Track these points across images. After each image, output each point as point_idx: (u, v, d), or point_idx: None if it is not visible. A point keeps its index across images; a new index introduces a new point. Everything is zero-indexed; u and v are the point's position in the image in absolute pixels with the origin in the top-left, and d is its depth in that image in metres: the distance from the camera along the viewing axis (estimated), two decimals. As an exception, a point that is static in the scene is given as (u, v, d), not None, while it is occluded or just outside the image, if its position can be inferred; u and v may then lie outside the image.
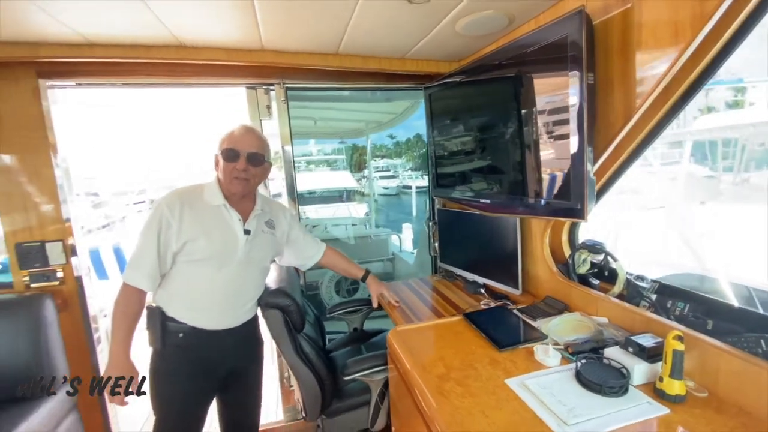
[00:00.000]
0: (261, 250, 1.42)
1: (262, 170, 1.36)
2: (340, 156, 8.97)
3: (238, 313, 1.38)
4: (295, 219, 1.66)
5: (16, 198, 1.68)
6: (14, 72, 1.57)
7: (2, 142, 1.63)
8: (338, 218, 5.81)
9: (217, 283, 1.31)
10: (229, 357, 1.38)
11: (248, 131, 1.34)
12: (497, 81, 1.46)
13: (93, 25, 1.35)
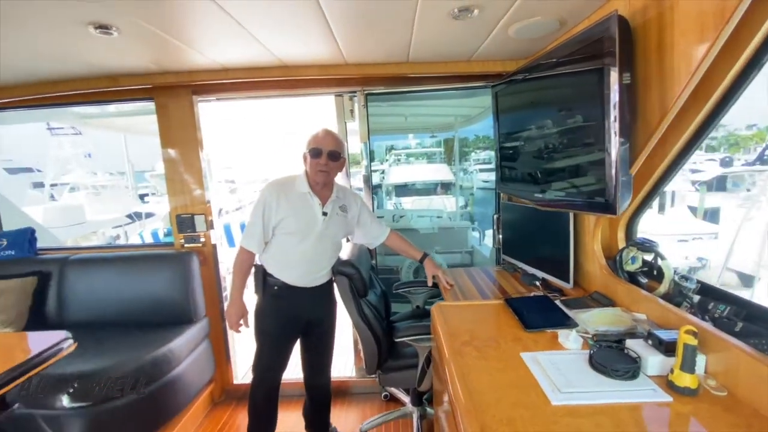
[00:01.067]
0: (334, 229, 1.80)
1: (339, 164, 1.74)
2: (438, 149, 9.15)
3: (314, 276, 1.77)
4: (365, 205, 1.98)
5: (177, 183, 2.36)
6: (178, 92, 2.21)
7: (171, 141, 2.30)
8: (423, 210, 6.06)
9: (300, 251, 1.72)
10: (307, 308, 1.80)
11: (328, 133, 1.72)
12: (547, 80, 1.53)
13: (227, 57, 1.86)
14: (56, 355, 1.49)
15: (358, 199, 1.95)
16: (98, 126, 8.55)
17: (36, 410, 1.72)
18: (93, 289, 2.30)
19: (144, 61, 1.88)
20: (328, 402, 2.07)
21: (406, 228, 4.82)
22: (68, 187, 14.62)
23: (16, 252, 2.33)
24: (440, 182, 7.66)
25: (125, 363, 1.85)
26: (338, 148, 1.71)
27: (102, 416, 1.78)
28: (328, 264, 1.82)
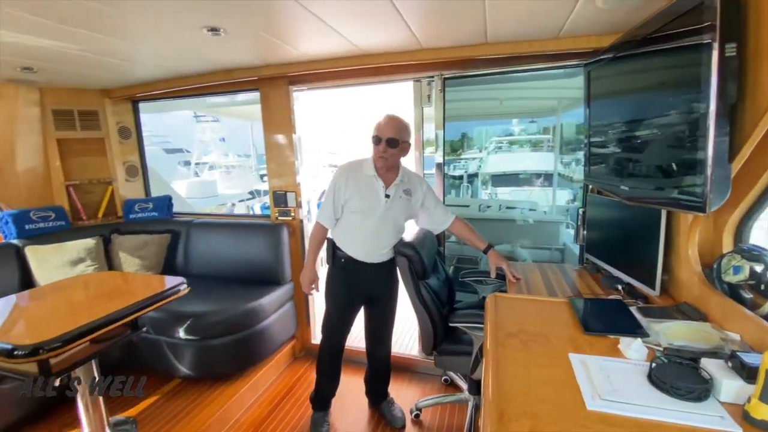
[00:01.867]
0: (396, 211, 1.89)
1: (398, 150, 1.78)
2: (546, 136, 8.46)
3: (376, 253, 1.90)
4: (431, 190, 2.00)
5: (275, 164, 2.69)
6: (277, 82, 2.51)
7: (271, 126, 2.63)
8: (513, 201, 5.71)
9: (363, 229, 1.86)
10: (369, 282, 1.94)
11: (389, 121, 1.77)
12: (638, 57, 1.33)
13: (315, 49, 2.04)
14: (174, 295, 1.89)
15: (424, 183, 1.99)
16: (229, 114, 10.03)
17: (161, 336, 2.22)
18: (208, 247, 2.81)
19: (250, 57, 2.18)
20: (387, 373, 2.20)
21: (494, 219, 4.64)
22: (207, 165, 17.58)
23: (158, 214, 2.98)
24: (541, 173, 7.08)
25: (226, 310, 2.25)
26: (397, 135, 1.75)
27: (207, 349, 2.21)
28: (389, 243, 1.91)
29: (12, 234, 2.44)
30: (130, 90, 2.79)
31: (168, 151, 15.57)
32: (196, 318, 2.17)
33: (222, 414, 2.07)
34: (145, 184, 3.21)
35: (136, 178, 3.14)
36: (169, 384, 2.31)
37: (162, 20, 1.55)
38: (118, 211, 3.00)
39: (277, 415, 2.20)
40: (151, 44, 1.88)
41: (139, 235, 2.76)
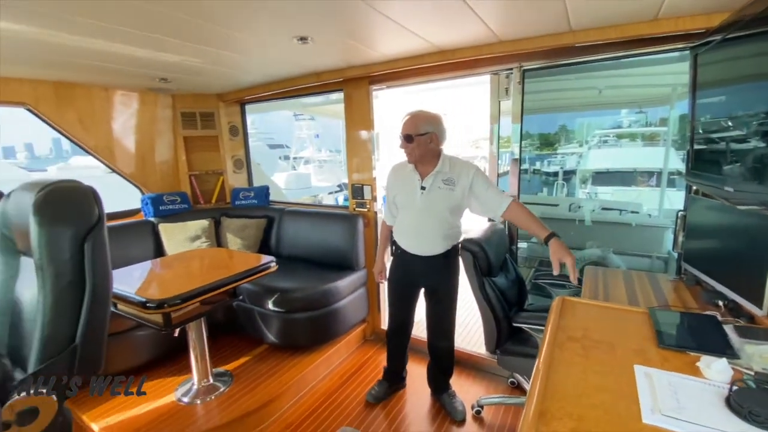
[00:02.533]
0: (436, 202, 1.89)
1: (415, 144, 1.84)
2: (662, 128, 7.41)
3: (423, 246, 1.95)
4: (479, 175, 1.88)
5: (355, 159, 2.88)
6: (359, 83, 2.68)
7: (353, 124, 2.83)
8: (614, 201, 5.13)
9: (407, 223, 1.98)
10: (421, 274, 2.02)
11: (405, 119, 1.87)
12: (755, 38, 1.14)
13: (393, 50, 2.14)
14: (265, 271, 2.19)
15: (472, 169, 1.88)
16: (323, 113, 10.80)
17: (254, 306, 2.58)
18: (295, 232, 3.15)
19: (335, 60, 2.38)
20: (447, 366, 2.24)
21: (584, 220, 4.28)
22: (303, 160, 19.20)
23: (257, 201, 3.42)
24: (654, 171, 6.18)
25: (307, 288, 2.52)
26: (411, 131, 1.84)
27: (290, 322, 2.50)
28: (436, 236, 1.91)
29: (150, 213, 3.06)
30: (238, 94, 3.24)
31: (271, 147, 17.40)
32: (282, 293, 2.47)
33: (299, 379, 2.34)
34: (248, 175, 3.71)
35: (242, 170, 3.64)
36: (258, 347, 2.68)
37: (260, 34, 1.80)
38: (227, 197, 3.52)
39: (347, 388, 2.40)
40: (254, 54, 2.18)
41: (242, 219, 3.21)
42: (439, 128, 1.87)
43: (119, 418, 2.02)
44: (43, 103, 2.49)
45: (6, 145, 13.31)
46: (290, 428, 2.08)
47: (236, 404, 2.11)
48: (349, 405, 2.26)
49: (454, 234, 1.96)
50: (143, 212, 3.12)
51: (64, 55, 1.94)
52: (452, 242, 1.96)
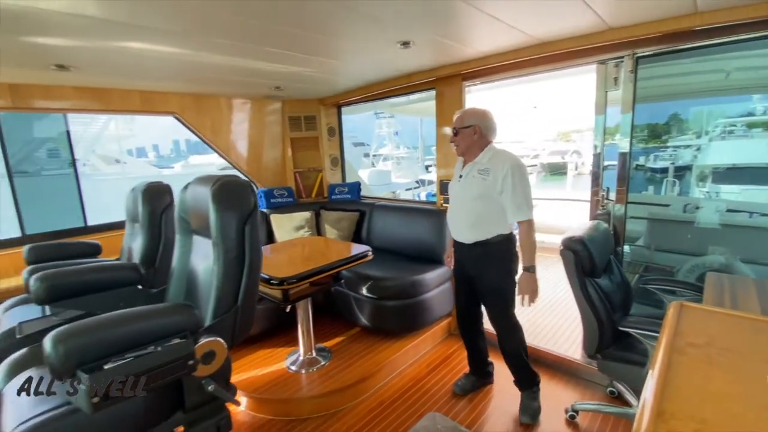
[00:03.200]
0: (467, 190, 1.94)
1: (461, 137, 1.93)
2: None
3: (463, 233, 1.99)
4: (515, 174, 1.80)
5: (443, 155, 2.94)
6: (452, 80, 2.73)
7: (443, 121, 2.89)
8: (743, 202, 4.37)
9: (449, 208, 2.09)
10: (466, 262, 2.05)
11: (455, 116, 1.97)
12: None
13: (489, 46, 2.16)
14: (363, 259, 2.39)
15: (508, 164, 1.81)
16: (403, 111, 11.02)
17: (350, 291, 2.81)
18: (385, 226, 3.33)
19: (430, 61, 2.47)
20: (515, 368, 2.12)
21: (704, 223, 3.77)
22: (382, 157, 19.77)
23: (350, 196, 3.69)
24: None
25: (397, 277, 2.67)
26: (456, 124, 1.93)
27: (381, 308, 2.68)
28: (463, 223, 1.96)
29: (263, 205, 3.51)
30: (336, 98, 3.53)
31: (354, 145, 18.27)
32: (375, 281, 2.66)
33: (390, 362, 2.50)
34: (342, 173, 4.01)
35: (337, 168, 3.95)
36: (352, 329, 2.92)
37: (366, 42, 1.97)
38: (325, 192, 3.86)
39: (434, 376, 2.50)
40: (353, 62, 2.38)
41: (338, 212, 3.50)
42: (483, 121, 1.90)
43: (244, 376, 2.40)
44: (187, 111, 3.02)
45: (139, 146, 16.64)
46: (383, 405, 2.25)
47: (335, 377, 2.35)
48: (437, 393, 2.35)
49: (484, 224, 1.90)
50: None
51: (202, 71, 2.35)
52: (485, 233, 1.91)
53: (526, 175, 1.85)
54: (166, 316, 0.94)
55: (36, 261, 1.79)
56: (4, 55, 1.73)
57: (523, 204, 1.82)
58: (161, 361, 0.85)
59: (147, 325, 0.90)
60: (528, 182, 1.85)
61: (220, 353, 1.04)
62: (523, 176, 1.83)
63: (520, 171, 1.82)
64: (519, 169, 1.82)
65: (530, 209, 1.84)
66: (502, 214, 1.88)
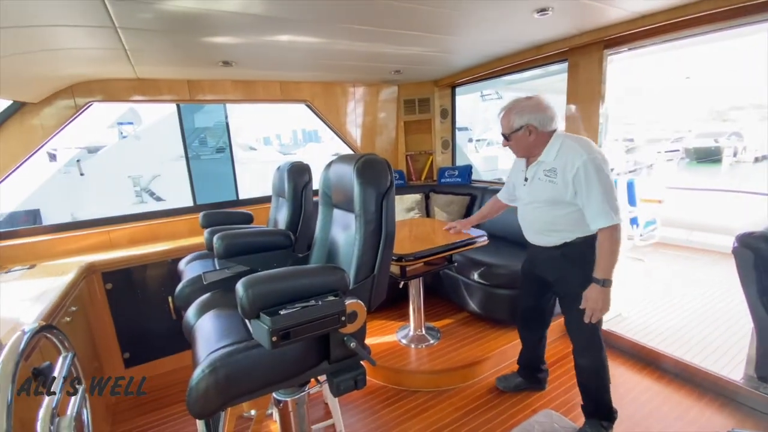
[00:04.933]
0: (536, 194, 1.70)
1: (515, 142, 1.70)
2: None
3: (535, 237, 1.80)
4: (588, 171, 1.50)
5: (573, 134, 2.66)
6: (590, 49, 2.41)
7: (575, 97, 2.59)
8: None
9: (519, 210, 1.87)
10: (538, 265, 1.86)
11: (500, 115, 1.73)
12: None
13: (641, 4, 1.84)
14: (477, 243, 2.33)
15: (579, 160, 1.51)
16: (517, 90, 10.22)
17: (459, 276, 2.79)
18: (499, 212, 3.18)
19: (566, 29, 2.22)
20: (587, 390, 1.82)
21: None
22: (486, 142, 18.84)
23: (461, 179, 3.61)
24: None
25: (510, 266, 2.55)
26: (504, 129, 1.71)
27: (492, 295, 2.60)
28: (541, 229, 1.75)
29: (377, 186, 3.68)
30: (451, 78, 3.45)
31: (458, 129, 17.77)
32: (487, 267, 2.58)
33: (501, 351, 2.43)
34: (452, 155, 3.95)
35: (447, 151, 3.91)
36: (460, 313, 2.91)
37: (496, 11, 1.85)
38: (434, 175, 3.87)
39: (550, 374, 2.34)
40: (477, 37, 2.27)
41: (447, 195, 3.48)
42: (536, 116, 1.62)
43: (358, 343, 2.60)
44: (316, 99, 3.31)
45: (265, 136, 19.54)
46: (492, 392, 2.20)
47: (444, 357, 2.39)
48: (554, 390, 2.21)
49: (559, 231, 1.69)
50: (370, 185, 3.78)
51: (329, 58, 2.51)
52: (561, 238, 1.69)
53: (605, 169, 1.52)
54: (325, 275, 1.06)
55: (208, 225, 2.20)
56: (183, 52, 2.11)
57: (604, 207, 1.50)
58: (321, 314, 0.97)
59: (310, 282, 1.03)
60: (607, 178, 1.52)
61: (361, 314, 1.13)
62: (600, 172, 1.50)
63: (594, 166, 1.50)
64: (593, 164, 1.50)
65: (614, 212, 1.50)
66: (581, 216, 1.59)
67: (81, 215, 5.69)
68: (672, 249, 4.64)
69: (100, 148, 8.30)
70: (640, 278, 3.74)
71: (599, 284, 1.55)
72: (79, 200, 7.18)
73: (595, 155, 1.52)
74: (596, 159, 1.51)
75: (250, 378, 1.02)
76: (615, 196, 1.52)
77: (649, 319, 2.90)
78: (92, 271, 2.32)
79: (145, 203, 7.86)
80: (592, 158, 1.51)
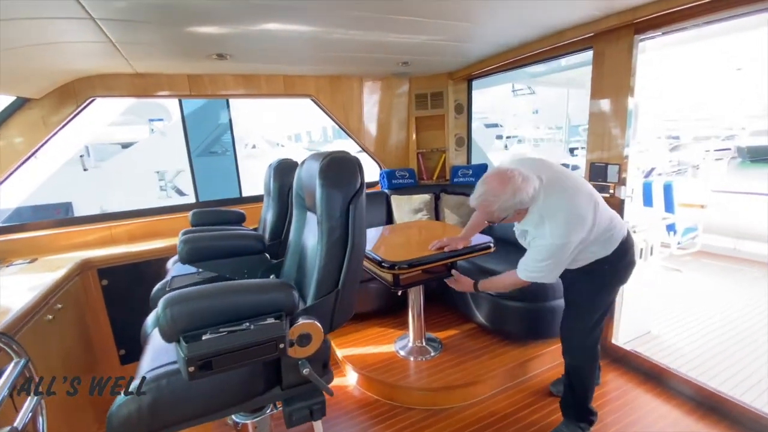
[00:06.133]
0: None
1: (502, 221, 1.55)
2: None
3: None
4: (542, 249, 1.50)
5: (598, 133, 2.36)
6: (618, 34, 2.13)
7: (601, 89, 2.30)
8: None
9: None
10: None
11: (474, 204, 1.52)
12: None
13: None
14: (483, 251, 2.13)
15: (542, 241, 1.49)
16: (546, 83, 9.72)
17: (468, 283, 2.57)
18: (513, 215, 2.94)
19: (589, 10, 1.96)
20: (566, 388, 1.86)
21: None
22: (516, 139, 18.16)
23: (475, 179, 3.37)
24: None
25: (522, 277, 2.31)
26: (488, 218, 1.57)
27: (502, 307, 2.38)
28: None
29: (385, 185, 3.52)
30: (467, 70, 3.22)
31: (487, 126, 17.25)
32: (494, 275, 2.36)
33: (508, 370, 2.21)
34: (468, 154, 3.72)
35: (462, 148, 3.68)
36: (466, 324, 2.70)
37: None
38: (447, 174, 3.65)
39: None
40: (491, 22, 2.06)
41: (459, 196, 3.26)
42: (518, 201, 1.42)
43: (357, 351, 2.46)
44: (322, 94, 3.18)
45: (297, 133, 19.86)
46: (494, 416, 2.00)
47: (444, 372, 2.20)
48: (563, 417, 1.97)
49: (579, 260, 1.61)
50: (380, 184, 3.62)
51: (332, 49, 2.36)
52: (583, 264, 1.63)
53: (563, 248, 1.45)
54: (266, 293, 0.91)
55: (198, 224, 2.13)
56: (172, 45, 2.03)
57: (536, 266, 1.52)
58: (253, 340, 0.83)
59: (246, 300, 0.89)
60: (560, 253, 1.46)
61: (316, 336, 0.98)
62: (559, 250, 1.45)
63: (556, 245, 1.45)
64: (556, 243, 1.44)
65: (534, 274, 1.55)
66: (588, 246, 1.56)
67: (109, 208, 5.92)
68: (716, 259, 4.18)
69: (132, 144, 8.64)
70: (676, 291, 3.37)
71: (475, 287, 1.86)
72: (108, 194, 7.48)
73: (563, 240, 1.44)
74: (561, 246, 1.45)
75: (180, 406, 0.90)
76: (546, 267, 1.49)
77: (684, 340, 2.58)
78: (88, 267, 2.31)
79: (169, 197, 8.10)
80: (558, 245, 1.45)
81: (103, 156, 7.97)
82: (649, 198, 3.79)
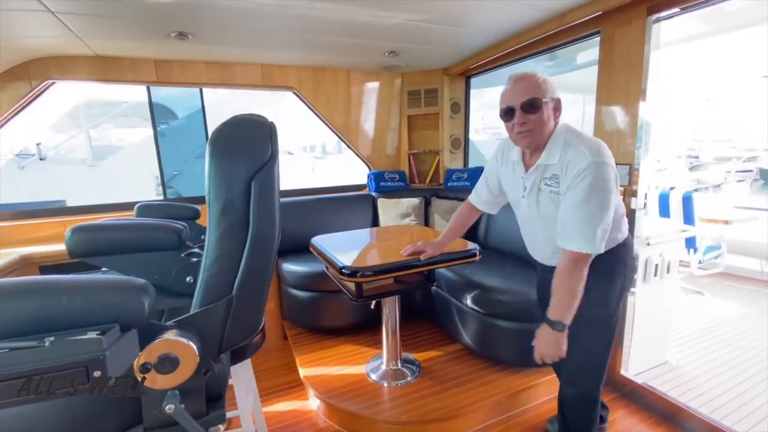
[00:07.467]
0: (542, 209, 1.31)
1: (540, 114, 1.22)
2: None
3: (540, 254, 1.48)
4: (583, 185, 1.14)
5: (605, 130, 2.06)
6: (629, 14, 1.84)
7: (611, 78, 2.00)
8: None
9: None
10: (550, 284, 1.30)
11: (517, 80, 1.25)
12: None
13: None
14: (465, 259, 1.82)
15: (583, 163, 1.15)
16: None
17: (452, 298, 2.25)
18: (508, 224, 2.58)
19: (594, -16, 1.69)
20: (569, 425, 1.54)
21: None
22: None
23: (470, 184, 3.07)
24: None
25: (514, 291, 1.99)
26: (535, 92, 1.22)
27: (491, 327, 2.05)
28: (552, 250, 1.34)
29: (372, 188, 3.24)
30: (464, 65, 2.96)
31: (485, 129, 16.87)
32: (483, 290, 2.04)
33: (497, 402, 1.88)
34: (464, 156, 3.43)
35: (458, 151, 3.39)
36: (451, 345, 2.36)
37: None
38: (440, 178, 3.36)
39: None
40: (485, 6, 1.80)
41: (452, 201, 2.96)
42: (557, 96, 1.27)
43: (322, 371, 2.15)
44: (304, 86, 2.95)
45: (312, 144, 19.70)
46: (473, 460, 1.65)
47: (421, 402, 1.87)
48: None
49: None
50: (368, 187, 3.34)
51: (309, 31, 2.13)
52: None
53: (608, 184, 1.16)
54: (94, 295, 0.63)
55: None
56: (126, 18, 1.82)
57: (589, 230, 1.15)
58: (45, 364, 0.54)
59: (64, 304, 0.61)
60: (606, 198, 1.15)
61: (186, 360, 0.70)
62: (605, 182, 1.15)
63: (601, 174, 1.15)
64: (599, 170, 1.15)
65: (597, 240, 1.16)
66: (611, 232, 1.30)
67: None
68: (741, 282, 3.76)
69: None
70: (697, 316, 2.98)
71: (550, 326, 1.22)
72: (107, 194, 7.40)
73: (604, 159, 1.17)
74: (605, 165, 1.16)
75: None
76: (608, 220, 1.18)
77: (706, 374, 2.20)
78: (28, 263, 2.08)
79: (168, 199, 8.03)
80: (599, 162, 1.16)
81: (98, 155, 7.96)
82: (665, 209, 3.43)
